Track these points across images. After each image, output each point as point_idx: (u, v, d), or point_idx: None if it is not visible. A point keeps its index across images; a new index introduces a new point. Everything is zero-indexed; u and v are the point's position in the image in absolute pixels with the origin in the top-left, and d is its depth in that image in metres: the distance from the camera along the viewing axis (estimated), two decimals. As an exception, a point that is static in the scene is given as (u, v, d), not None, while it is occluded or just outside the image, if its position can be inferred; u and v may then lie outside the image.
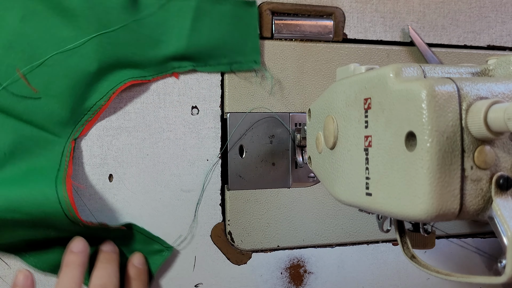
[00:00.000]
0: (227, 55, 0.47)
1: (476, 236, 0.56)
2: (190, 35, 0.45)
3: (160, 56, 0.44)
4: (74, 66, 0.42)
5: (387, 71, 0.28)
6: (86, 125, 0.44)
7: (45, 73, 0.42)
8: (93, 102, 0.44)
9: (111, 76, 0.44)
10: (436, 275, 0.28)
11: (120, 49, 0.43)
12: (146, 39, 0.44)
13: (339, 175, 0.34)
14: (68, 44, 0.42)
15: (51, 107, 0.42)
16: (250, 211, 0.49)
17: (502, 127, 0.23)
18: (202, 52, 0.46)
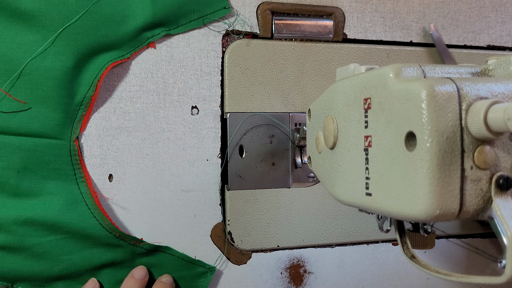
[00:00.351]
0: (195, 10, 0.46)
1: (476, 236, 0.57)
2: (153, 0, 0.44)
3: (130, 30, 0.44)
4: (51, 66, 0.42)
5: (387, 71, 0.28)
6: (83, 120, 0.44)
7: (26, 82, 0.41)
8: (82, 95, 0.43)
9: (91, 65, 0.43)
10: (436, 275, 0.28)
11: (90, 36, 0.43)
12: (111, 18, 0.43)
13: (339, 175, 0.34)
14: (38, 47, 0.41)
15: (43, 113, 0.42)
16: (250, 211, 0.49)
17: (502, 127, 0.23)
18: (170, 15, 0.45)
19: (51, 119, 0.42)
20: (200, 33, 0.47)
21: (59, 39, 0.42)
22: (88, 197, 0.43)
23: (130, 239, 0.45)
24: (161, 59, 0.46)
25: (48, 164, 0.43)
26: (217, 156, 0.48)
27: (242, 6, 0.49)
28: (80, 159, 0.44)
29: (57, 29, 0.42)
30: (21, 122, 0.42)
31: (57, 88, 0.42)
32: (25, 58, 0.41)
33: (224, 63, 0.48)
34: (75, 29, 0.42)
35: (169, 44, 0.47)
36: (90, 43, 0.43)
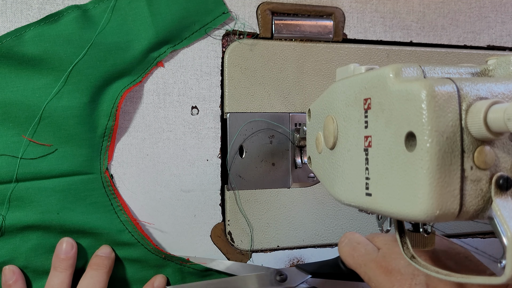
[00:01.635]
0: (196, 21, 0.46)
1: (476, 236, 0.57)
2: (153, 20, 0.44)
3: (137, 54, 0.44)
4: (68, 105, 0.42)
5: (387, 71, 0.28)
6: (109, 151, 0.44)
7: (48, 125, 0.42)
8: (103, 127, 0.44)
9: (106, 96, 0.44)
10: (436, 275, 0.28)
11: (100, 67, 0.43)
12: (116, 47, 0.43)
13: (339, 175, 0.34)
14: (52, 89, 0.42)
15: (70, 152, 0.43)
16: (250, 211, 0.49)
17: (502, 127, 0.23)
18: (172, 31, 0.45)
19: (78, 156, 0.43)
20: (200, 33, 0.47)
21: (71, 77, 0.42)
22: (130, 225, 0.44)
23: (177, 259, 0.46)
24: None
25: (85, 200, 0.44)
26: (217, 156, 0.48)
27: (242, 7, 0.49)
28: (114, 189, 0.44)
29: (67, 68, 0.42)
30: (51, 165, 0.42)
31: (78, 125, 0.43)
32: (41, 102, 0.42)
33: (224, 63, 0.48)
34: (84, 64, 0.42)
35: (169, 44, 0.47)
36: (101, 75, 0.43)
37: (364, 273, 0.38)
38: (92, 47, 0.43)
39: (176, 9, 0.45)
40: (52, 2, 0.43)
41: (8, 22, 0.42)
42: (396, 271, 0.35)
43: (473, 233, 0.56)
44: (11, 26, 0.42)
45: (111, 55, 0.43)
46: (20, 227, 0.42)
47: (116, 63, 0.44)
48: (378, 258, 0.38)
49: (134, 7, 0.44)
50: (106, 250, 0.44)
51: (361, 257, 0.39)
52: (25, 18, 0.43)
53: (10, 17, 0.42)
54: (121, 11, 0.44)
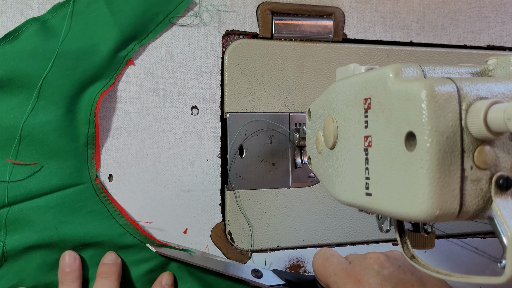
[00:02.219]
0: (158, 12, 0.45)
1: (476, 236, 0.57)
2: (115, 19, 0.43)
3: (105, 57, 0.43)
4: (46, 120, 0.42)
5: (387, 71, 0.28)
6: (95, 158, 0.44)
7: (29, 143, 0.42)
8: (85, 135, 0.43)
9: (82, 104, 0.43)
10: (436, 275, 0.28)
11: (70, 76, 0.42)
12: (83, 52, 0.43)
13: (339, 175, 0.34)
14: (26, 106, 0.41)
15: (56, 166, 0.42)
16: (250, 211, 0.49)
17: (502, 127, 0.23)
18: (136, 26, 0.44)
19: (66, 168, 0.43)
20: (200, 33, 0.47)
21: (42, 91, 0.41)
22: (130, 227, 0.44)
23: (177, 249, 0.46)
24: (161, 59, 0.46)
25: (80, 211, 0.43)
26: (217, 156, 0.48)
27: (242, 6, 0.49)
28: (107, 195, 0.44)
29: (37, 83, 0.41)
30: (40, 183, 0.42)
31: (59, 138, 0.42)
32: (18, 122, 0.41)
33: (224, 63, 0.48)
34: (54, 76, 0.42)
35: (169, 44, 0.47)
36: (73, 84, 0.42)
37: (333, 282, 0.39)
38: (58, 57, 0.42)
39: (136, 3, 0.44)
40: (52, 2, 0.43)
41: (8, 22, 0.42)
42: (365, 281, 0.37)
43: (473, 233, 0.56)
44: (11, 26, 0.42)
45: (79, 62, 0.42)
46: (22, 249, 0.42)
47: (86, 69, 0.43)
48: (349, 268, 0.39)
49: (93, 9, 0.43)
50: (112, 257, 0.44)
51: (333, 266, 0.40)
52: (25, 18, 0.43)
53: (10, 17, 0.42)
54: (81, 16, 0.43)
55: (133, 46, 0.45)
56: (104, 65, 0.43)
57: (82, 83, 0.43)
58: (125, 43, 0.44)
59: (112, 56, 0.44)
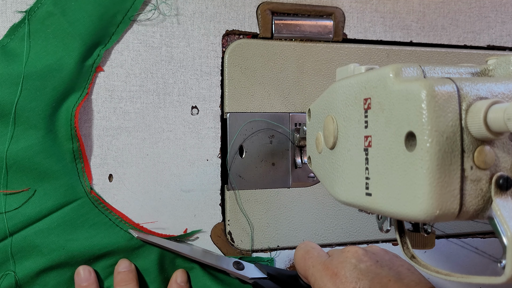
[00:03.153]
0: (115, 12, 0.44)
1: (476, 236, 0.57)
2: (74, 29, 0.42)
3: (72, 69, 0.42)
4: (28, 144, 0.41)
5: (387, 71, 0.28)
6: (86, 171, 0.44)
7: (16, 171, 0.41)
8: (70, 151, 0.43)
9: (60, 121, 0.43)
10: (436, 275, 0.28)
11: (42, 96, 0.42)
12: (49, 70, 0.42)
13: (339, 175, 0.34)
14: (4, 135, 0.41)
15: (49, 188, 0.42)
16: (250, 211, 0.49)
17: (502, 127, 0.23)
18: (97, 32, 0.43)
19: (59, 188, 0.43)
20: (200, 33, 0.47)
21: (18, 117, 0.41)
22: (135, 231, 0.44)
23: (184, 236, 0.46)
24: (161, 59, 0.46)
25: (83, 226, 0.43)
26: (217, 156, 0.48)
27: (242, 7, 0.49)
28: (105, 204, 0.44)
29: (10, 110, 0.41)
30: (36, 207, 0.42)
31: (46, 160, 0.42)
32: (1, 152, 0.41)
33: (224, 63, 0.48)
34: (26, 99, 0.41)
35: (169, 44, 0.47)
36: (47, 103, 0.42)
37: (311, 275, 0.39)
38: (25, 80, 0.41)
39: (91, 9, 0.43)
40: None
41: (8, 22, 0.42)
42: (342, 274, 0.37)
43: (473, 233, 0.56)
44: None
45: (48, 80, 0.42)
46: (34, 275, 0.42)
47: (56, 86, 0.42)
48: (327, 262, 0.39)
49: (49, 24, 0.42)
50: (126, 264, 0.44)
51: (312, 259, 0.40)
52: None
53: (10, 17, 0.42)
54: (39, 33, 0.42)
55: (98, 52, 0.44)
56: (74, 77, 0.43)
57: (56, 100, 0.42)
58: (90, 51, 0.44)
59: (80, 67, 0.43)
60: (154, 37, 0.46)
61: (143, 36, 0.46)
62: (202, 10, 0.48)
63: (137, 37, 0.46)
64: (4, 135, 0.41)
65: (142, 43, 0.46)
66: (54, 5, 0.42)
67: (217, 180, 0.48)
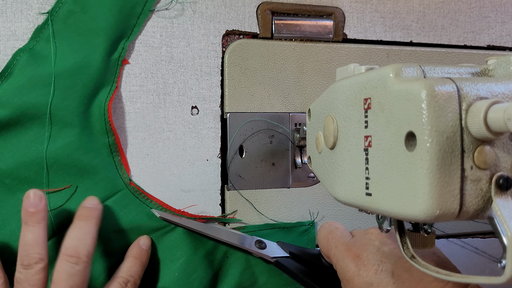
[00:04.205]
0: (135, 4, 0.44)
1: (476, 236, 0.57)
2: (96, 24, 0.43)
3: (100, 64, 0.43)
4: (65, 143, 0.42)
5: (387, 71, 0.28)
6: (123, 164, 0.45)
7: (57, 170, 0.42)
8: (106, 145, 0.44)
9: (94, 117, 0.43)
10: (436, 275, 0.28)
11: (74, 94, 0.42)
12: (77, 67, 0.42)
13: (339, 175, 0.34)
14: (42, 136, 0.42)
15: (90, 183, 0.43)
16: (250, 211, 0.49)
17: (502, 127, 0.23)
18: (119, 25, 0.44)
19: (99, 182, 0.43)
20: (200, 33, 0.47)
21: (53, 116, 0.42)
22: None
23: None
24: (161, 59, 0.46)
25: (127, 217, 0.44)
26: (217, 156, 0.48)
27: (242, 7, 0.49)
28: (146, 194, 0.45)
29: (45, 110, 0.41)
30: (79, 202, 0.42)
31: (84, 155, 0.42)
32: (41, 153, 0.41)
33: (224, 63, 0.48)
34: (59, 99, 0.42)
35: (169, 44, 0.47)
36: (79, 100, 0.42)
37: (333, 255, 0.39)
38: (56, 80, 0.42)
39: (110, 3, 0.43)
40: (52, 2, 0.43)
41: (8, 22, 0.42)
42: (364, 256, 0.36)
43: (473, 233, 0.56)
44: (11, 26, 0.42)
45: (77, 77, 0.42)
46: None
47: (86, 82, 0.43)
48: (350, 243, 0.38)
49: (72, 23, 0.43)
50: (94, 201, 0.42)
51: (335, 239, 0.40)
52: (25, 18, 0.43)
53: (10, 17, 0.42)
54: (63, 33, 0.43)
55: (123, 46, 0.45)
56: (102, 73, 0.43)
57: (87, 97, 0.43)
58: (114, 45, 0.44)
59: (107, 62, 0.44)
60: (154, 37, 0.46)
61: (143, 36, 0.46)
62: (202, 10, 0.48)
63: (137, 37, 0.46)
64: (42, 135, 0.42)
65: (142, 43, 0.46)
66: (74, 3, 0.43)
67: (217, 180, 0.48)
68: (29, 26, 0.43)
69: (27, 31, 0.43)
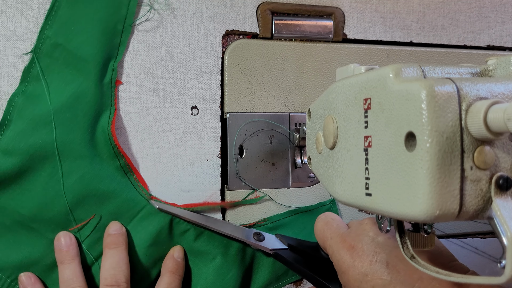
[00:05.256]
0: (115, 22, 0.44)
1: (476, 236, 0.57)
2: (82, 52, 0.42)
3: (94, 91, 0.43)
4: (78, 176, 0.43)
5: (387, 71, 0.28)
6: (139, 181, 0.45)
7: (78, 204, 0.43)
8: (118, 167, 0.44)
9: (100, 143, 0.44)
10: (436, 275, 0.28)
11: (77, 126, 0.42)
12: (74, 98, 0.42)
13: (339, 175, 0.34)
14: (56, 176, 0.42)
15: (112, 208, 0.44)
16: (250, 211, 0.49)
17: (502, 127, 0.23)
18: (104, 47, 0.43)
19: (121, 205, 0.44)
20: (200, 33, 0.47)
21: (61, 153, 0.42)
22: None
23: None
24: (161, 59, 0.46)
25: (156, 229, 0.45)
26: (217, 156, 0.48)
27: (242, 7, 0.49)
28: (169, 203, 0.46)
29: (53, 150, 0.42)
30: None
31: (100, 183, 0.43)
32: (59, 191, 0.42)
33: (224, 63, 0.48)
34: (63, 134, 0.42)
35: (169, 44, 0.47)
36: (83, 131, 0.43)
37: (329, 246, 0.39)
38: (56, 115, 0.42)
39: (92, 28, 0.43)
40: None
41: (8, 22, 0.42)
42: (359, 248, 0.36)
43: (473, 233, 0.56)
44: (11, 26, 0.42)
45: (76, 109, 0.42)
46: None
47: (86, 111, 0.43)
48: (345, 234, 0.39)
49: (58, 55, 0.42)
50: (117, 227, 0.43)
51: (330, 230, 0.40)
52: (25, 18, 0.43)
53: (10, 17, 0.42)
54: (52, 67, 0.42)
55: (112, 67, 0.44)
56: (98, 98, 0.43)
57: (90, 125, 0.43)
58: (104, 68, 0.44)
59: (100, 87, 0.43)
60: (154, 37, 0.46)
61: (143, 36, 0.46)
62: (202, 10, 0.48)
63: (137, 37, 0.46)
64: (55, 174, 0.42)
65: (142, 43, 0.46)
66: (56, 35, 0.42)
67: (217, 180, 0.48)
68: (29, 26, 0.43)
69: (27, 31, 0.43)
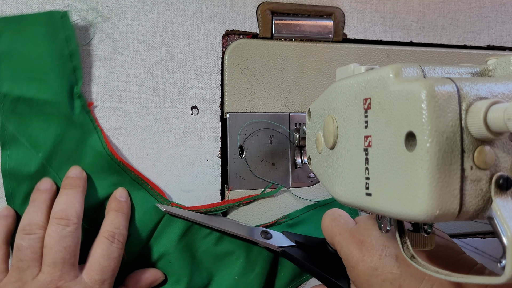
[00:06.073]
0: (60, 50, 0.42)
1: (476, 236, 0.56)
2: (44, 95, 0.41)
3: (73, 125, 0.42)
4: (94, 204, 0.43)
5: (387, 71, 0.28)
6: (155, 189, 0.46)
7: None
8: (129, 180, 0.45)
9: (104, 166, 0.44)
10: (436, 275, 0.28)
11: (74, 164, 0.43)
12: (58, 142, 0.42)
13: (339, 175, 0.34)
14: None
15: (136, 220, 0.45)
16: (250, 211, 0.49)
17: (502, 127, 0.23)
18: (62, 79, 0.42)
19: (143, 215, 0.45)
20: (200, 33, 0.47)
21: None
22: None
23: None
24: (161, 59, 0.46)
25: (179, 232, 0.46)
26: (217, 156, 0.48)
27: (242, 7, 0.49)
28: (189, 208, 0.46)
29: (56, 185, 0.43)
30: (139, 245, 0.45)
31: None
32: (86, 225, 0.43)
33: (224, 63, 0.48)
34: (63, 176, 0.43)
35: (169, 44, 0.47)
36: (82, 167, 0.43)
37: (337, 242, 0.39)
38: (50, 163, 0.42)
39: (40, 66, 0.41)
40: (52, 2, 0.43)
41: (8, 22, 0.42)
42: (368, 242, 0.36)
43: (473, 233, 0.56)
44: (11, 26, 0.42)
45: (66, 150, 0.42)
46: None
47: (74, 148, 0.43)
48: (353, 229, 0.39)
49: (23, 109, 0.41)
50: (77, 171, 0.42)
51: (338, 226, 0.40)
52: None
53: (10, 17, 0.42)
54: (22, 124, 0.41)
55: (77, 95, 0.43)
56: (80, 130, 0.43)
57: (85, 159, 0.43)
58: (70, 102, 0.42)
59: (77, 119, 0.43)
60: (154, 37, 0.46)
61: (143, 36, 0.46)
62: (202, 10, 0.48)
63: (137, 37, 0.46)
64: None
65: (142, 43, 0.46)
66: (11, 90, 0.41)
67: (217, 180, 0.48)
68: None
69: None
